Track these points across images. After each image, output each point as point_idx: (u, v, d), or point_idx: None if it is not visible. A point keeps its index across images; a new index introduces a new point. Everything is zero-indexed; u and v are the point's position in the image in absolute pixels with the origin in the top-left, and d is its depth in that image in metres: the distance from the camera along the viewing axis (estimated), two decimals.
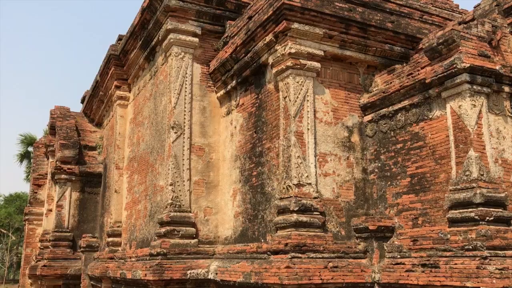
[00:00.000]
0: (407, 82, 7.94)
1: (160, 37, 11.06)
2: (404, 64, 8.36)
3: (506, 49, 7.63)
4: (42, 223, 19.82)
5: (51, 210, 18.24)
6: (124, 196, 13.70)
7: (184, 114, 10.44)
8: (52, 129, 18.48)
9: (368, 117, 8.85)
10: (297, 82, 8.43)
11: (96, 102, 17.08)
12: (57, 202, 16.94)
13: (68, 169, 16.63)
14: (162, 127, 11.11)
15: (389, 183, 8.25)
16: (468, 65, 6.87)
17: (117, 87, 14.30)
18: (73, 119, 18.14)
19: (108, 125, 16.55)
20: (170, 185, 10.04)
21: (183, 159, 10.22)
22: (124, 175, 13.86)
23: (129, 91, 14.35)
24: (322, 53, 8.60)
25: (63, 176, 16.76)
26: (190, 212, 10.06)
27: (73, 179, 16.86)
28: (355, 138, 8.85)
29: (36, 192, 21.39)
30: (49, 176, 19.33)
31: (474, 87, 6.98)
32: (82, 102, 19.57)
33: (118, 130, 14.27)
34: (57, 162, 16.82)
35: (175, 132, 10.30)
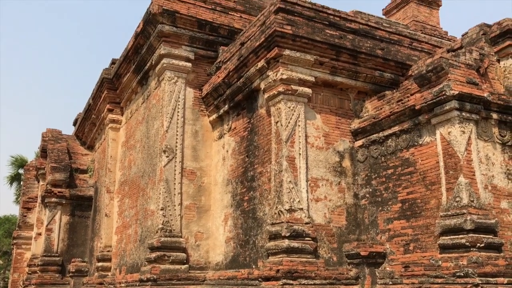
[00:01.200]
0: (397, 108, 8.03)
1: (153, 62, 11.14)
2: (394, 91, 8.46)
3: (493, 76, 7.77)
4: (31, 247, 19.51)
5: (40, 234, 17.98)
6: (114, 220, 13.57)
7: (176, 138, 10.45)
8: (44, 152, 18.38)
9: (359, 142, 8.91)
10: (289, 107, 8.49)
11: (88, 125, 17.06)
12: (46, 225, 16.72)
13: (59, 192, 16.48)
14: (154, 151, 11.10)
15: (380, 208, 8.26)
16: (457, 92, 6.97)
17: (110, 111, 14.31)
18: (65, 142, 18.07)
19: (99, 148, 16.50)
20: (161, 209, 9.97)
21: (175, 183, 10.18)
22: (115, 198, 13.76)
23: (122, 115, 14.37)
24: (313, 79, 8.70)
25: (53, 199, 16.59)
26: (181, 237, 9.97)
27: (64, 202, 16.69)
28: (347, 163, 8.89)
29: (25, 216, 21.11)
30: (39, 199, 19.13)
31: (463, 114, 7.07)
32: (74, 124, 19.53)
33: (110, 153, 14.22)
34: (48, 185, 16.68)
35: (167, 156, 10.28)
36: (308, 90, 8.65)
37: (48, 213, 16.76)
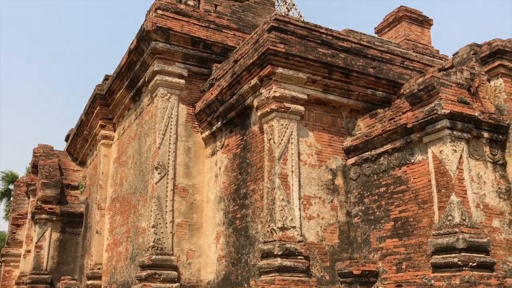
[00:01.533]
0: (389, 126, 8.06)
1: (146, 78, 11.15)
2: (386, 109, 8.51)
3: (484, 96, 7.84)
4: (20, 264, 19.20)
5: (29, 251, 17.71)
6: (105, 237, 13.42)
7: (169, 155, 10.41)
8: (35, 168, 18.22)
9: (351, 160, 8.92)
10: (282, 125, 8.51)
11: (80, 141, 16.97)
12: (36, 242, 16.50)
13: (49, 208, 16.30)
14: (146, 168, 11.04)
15: (373, 226, 8.24)
16: (448, 111, 7.02)
17: (102, 127, 14.26)
18: (56, 157, 17.94)
19: (91, 164, 16.39)
20: (153, 227, 9.88)
21: (166, 200, 10.11)
22: (106, 215, 13.63)
23: (114, 131, 14.32)
24: (306, 97, 8.73)
25: (43, 216, 16.40)
26: (172, 255, 9.87)
27: (54, 219, 16.50)
28: (339, 181, 8.88)
29: (14, 232, 20.82)
30: (29, 216, 18.89)
31: (455, 132, 7.11)
32: (66, 140, 19.43)
33: (102, 169, 14.13)
34: (38, 202, 16.50)
35: (159, 173, 10.23)
36: (301, 108, 8.67)
37: (38, 230, 16.55)
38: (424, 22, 15.54)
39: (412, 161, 7.71)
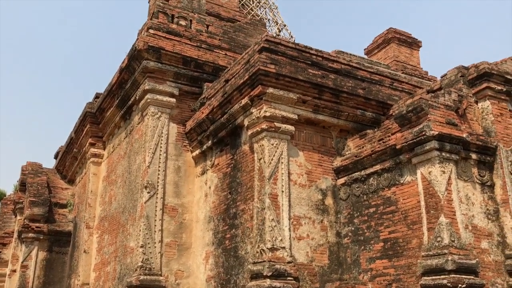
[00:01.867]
0: (379, 147, 8.11)
1: (137, 97, 11.16)
2: (376, 129, 8.57)
3: (472, 117, 7.94)
4: (5, 284, 18.81)
5: (15, 271, 17.37)
6: (93, 256, 13.24)
7: (158, 174, 10.36)
8: (23, 186, 18.00)
9: (341, 180, 8.93)
10: (272, 144, 8.52)
11: (70, 159, 16.85)
12: (22, 262, 16.20)
13: (37, 227, 16.06)
14: (135, 186, 10.96)
15: (362, 247, 8.21)
16: (437, 132, 7.09)
17: (92, 145, 14.19)
18: (45, 175, 17.76)
19: (80, 183, 16.24)
20: (141, 246, 9.77)
21: (155, 220, 10.02)
22: (94, 234, 13.47)
23: (104, 149, 14.25)
24: (296, 116, 8.78)
25: (30, 234, 16.13)
26: (161, 275, 9.75)
27: (41, 238, 16.25)
28: (329, 201, 8.87)
29: (0, 252, 20.46)
30: (15, 235, 18.58)
31: (443, 154, 7.16)
32: (56, 158, 19.29)
33: (91, 188, 14.00)
34: (25, 220, 16.25)
35: (148, 192, 10.16)
36: (291, 128, 8.71)
37: (24, 249, 16.28)
38: (413, 43, 15.79)
39: (401, 181, 7.74)
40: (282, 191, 8.34)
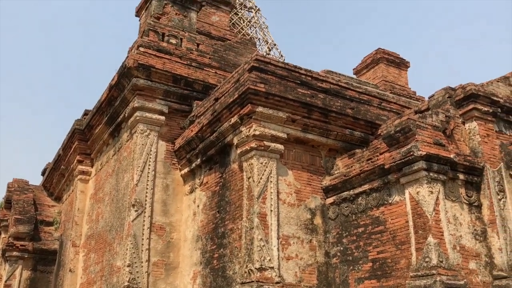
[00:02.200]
0: (367, 167, 8.13)
1: (126, 114, 11.12)
2: (364, 149, 8.61)
3: (459, 138, 8.01)
4: None
5: None
6: (79, 276, 13.01)
7: (146, 192, 10.28)
8: (8, 203, 17.72)
9: (330, 200, 8.93)
10: (261, 163, 8.51)
11: (57, 176, 16.67)
12: (5, 281, 15.84)
13: (21, 245, 15.76)
14: (122, 205, 10.85)
15: (351, 267, 8.17)
16: (425, 153, 7.14)
17: (80, 162, 14.06)
18: (31, 192, 17.52)
19: (67, 200, 16.05)
20: (128, 266, 9.63)
21: (143, 239, 9.90)
22: (81, 253, 13.26)
23: (92, 166, 14.12)
24: (285, 135, 8.79)
25: (14, 253, 15.82)
26: None
27: (26, 256, 15.94)
28: (318, 220, 8.85)
29: None
30: None
31: (431, 174, 7.20)
32: (43, 174, 19.07)
33: (78, 205, 13.83)
34: (10, 238, 15.96)
35: (136, 210, 10.06)
36: (280, 147, 8.72)
37: (8, 267, 15.94)
38: (401, 64, 16.01)
39: (390, 201, 7.75)
40: (271, 211, 8.31)
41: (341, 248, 8.47)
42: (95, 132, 13.09)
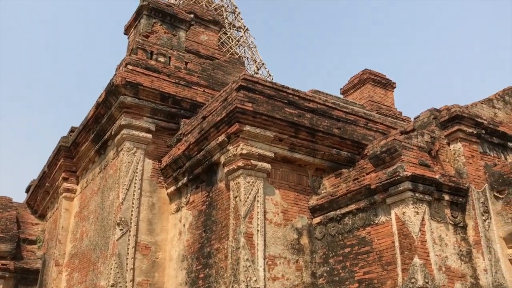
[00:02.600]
0: (354, 186, 8.15)
1: (113, 132, 11.06)
2: (351, 169, 8.64)
3: (444, 159, 8.09)
4: None
5: None
6: None
7: (132, 211, 10.17)
8: None
9: (317, 219, 8.91)
10: (248, 182, 8.49)
11: (42, 193, 16.43)
12: None
13: (2, 265, 15.41)
14: (107, 223, 10.71)
15: None
16: (410, 173, 7.18)
17: (65, 179, 13.90)
18: (15, 210, 17.22)
19: (51, 218, 15.80)
20: (112, 286, 9.46)
21: (127, 258, 9.76)
22: (64, 272, 13.01)
23: (77, 184, 13.97)
24: (272, 155, 8.80)
25: None
26: None
27: (7, 275, 15.56)
28: (304, 240, 8.81)
29: None
30: None
31: (417, 194, 7.24)
32: (27, 192, 18.77)
33: (62, 223, 13.62)
34: None
35: (121, 229, 9.93)
36: (267, 166, 8.71)
37: None
38: (387, 84, 16.19)
39: (376, 222, 7.76)
40: (258, 230, 8.26)
41: (328, 269, 8.43)
42: (81, 149, 12.98)
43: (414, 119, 8.93)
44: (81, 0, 51.35)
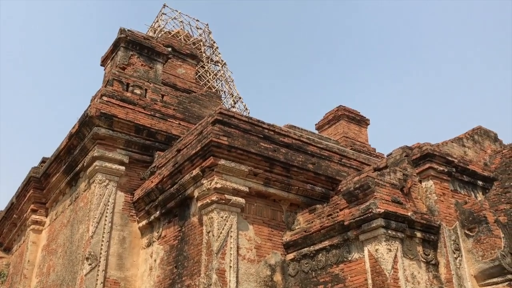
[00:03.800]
0: (327, 223, 8.14)
1: (85, 163, 10.86)
2: (325, 204, 8.65)
3: (416, 196, 8.18)
4: None
5: None
6: None
7: (102, 245, 9.89)
8: None
9: (290, 256, 8.82)
10: (222, 217, 8.39)
11: (8, 225, 15.86)
12: None
13: None
14: (76, 257, 10.37)
15: None
16: (383, 210, 7.22)
17: (34, 211, 13.48)
18: None
19: (17, 251, 15.22)
20: None
21: None
22: None
23: (46, 216, 13.55)
24: (247, 189, 8.76)
25: None
26: None
27: None
28: (278, 277, 8.69)
29: None
30: None
31: (389, 231, 7.26)
32: None
33: (28, 257, 13.12)
34: None
35: (90, 264, 9.63)
36: (241, 200, 8.65)
37: None
38: (361, 121, 16.47)
39: (349, 258, 7.72)
40: (230, 267, 8.12)
41: None
42: (52, 180, 12.67)
43: (387, 156, 9.07)
44: (56, 30, 51.26)
